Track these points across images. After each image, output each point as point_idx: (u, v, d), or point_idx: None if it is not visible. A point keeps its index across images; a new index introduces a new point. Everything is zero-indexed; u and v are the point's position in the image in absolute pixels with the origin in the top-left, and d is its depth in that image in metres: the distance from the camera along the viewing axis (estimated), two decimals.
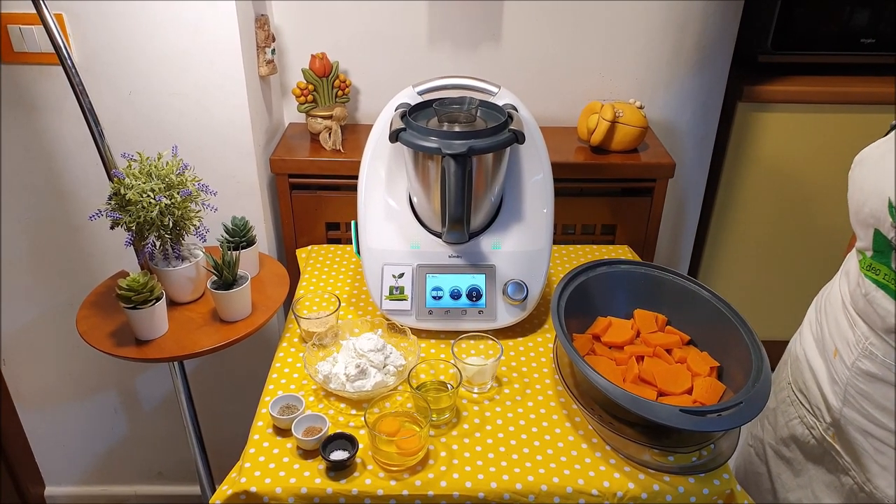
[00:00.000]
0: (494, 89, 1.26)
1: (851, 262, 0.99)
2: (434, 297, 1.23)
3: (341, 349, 1.16)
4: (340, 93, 1.57)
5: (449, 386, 1.11)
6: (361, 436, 1.02)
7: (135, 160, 1.20)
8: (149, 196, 1.16)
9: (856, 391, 0.96)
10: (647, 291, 1.19)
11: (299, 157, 1.53)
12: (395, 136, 1.16)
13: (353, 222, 1.32)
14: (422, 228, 1.27)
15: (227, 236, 1.33)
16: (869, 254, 0.91)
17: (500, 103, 1.25)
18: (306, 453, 1.01)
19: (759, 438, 1.20)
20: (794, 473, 1.12)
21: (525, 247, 1.25)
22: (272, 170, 1.53)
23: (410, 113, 1.20)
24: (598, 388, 0.95)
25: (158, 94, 1.40)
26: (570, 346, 1.01)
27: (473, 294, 1.23)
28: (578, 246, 1.57)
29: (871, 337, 0.92)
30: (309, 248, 1.55)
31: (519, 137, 1.15)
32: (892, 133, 0.92)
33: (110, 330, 1.23)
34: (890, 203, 0.84)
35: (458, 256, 1.25)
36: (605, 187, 1.60)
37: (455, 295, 1.23)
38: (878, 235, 0.87)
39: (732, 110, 1.70)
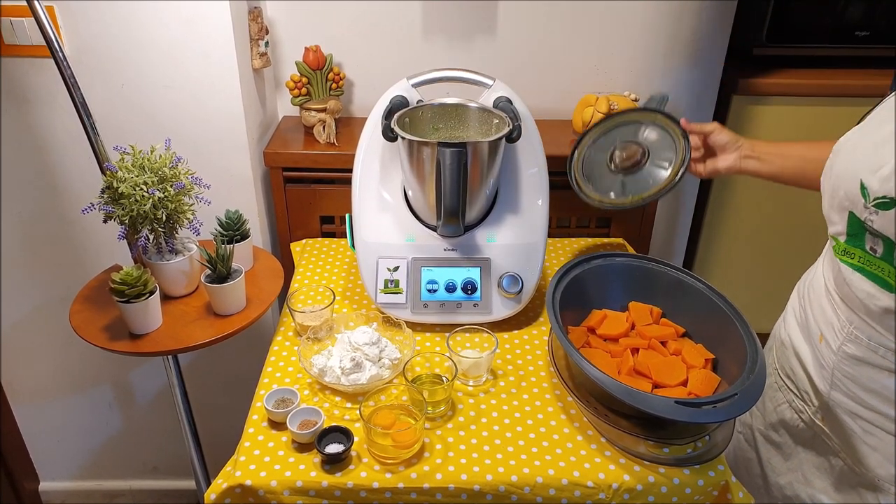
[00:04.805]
0: (489, 82, 1.26)
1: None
2: (429, 291, 1.23)
3: (336, 343, 1.16)
4: (334, 86, 1.56)
5: (444, 379, 1.11)
6: (356, 429, 1.02)
7: (128, 153, 1.20)
8: (142, 189, 1.16)
9: (843, 374, 0.97)
10: (642, 284, 1.19)
11: (293, 151, 1.52)
12: (389, 129, 1.15)
13: (347, 215, 1.32)
14: (417, 221, 1.26)
15: (220, 230, 1.33)
16: (842, 238, 0.93)
17: (495, 96, 1.25)
18: (301, 446, 1.01)
19: (748, 425, 1.22)
20: (783, 457, 1.13)
21: (520, 240, 1.25)
22: (266, 163, 1.53)
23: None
24: (594, 380, 0.95)
25: (151, 86, 1.39)
26: (566, 338, 1.01)
27: (468, 287, 1.23)
28: (573, 239, 1.57)
29: (856, 321, 0.94)
30: (303, 241, 1.54)
31: (515, 132, 1.15)
32: (864, 120, 0.95)
33: (104, 324, 1.22)
34: (862, 184, 0.86)
35: (453, 249, 1.25)
36: None
37: (450, 288, 1.23)
38: (852, 218, 0.89)
39: (727, 103, 1.70)
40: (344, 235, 1.59)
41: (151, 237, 1.23)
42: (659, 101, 1.23)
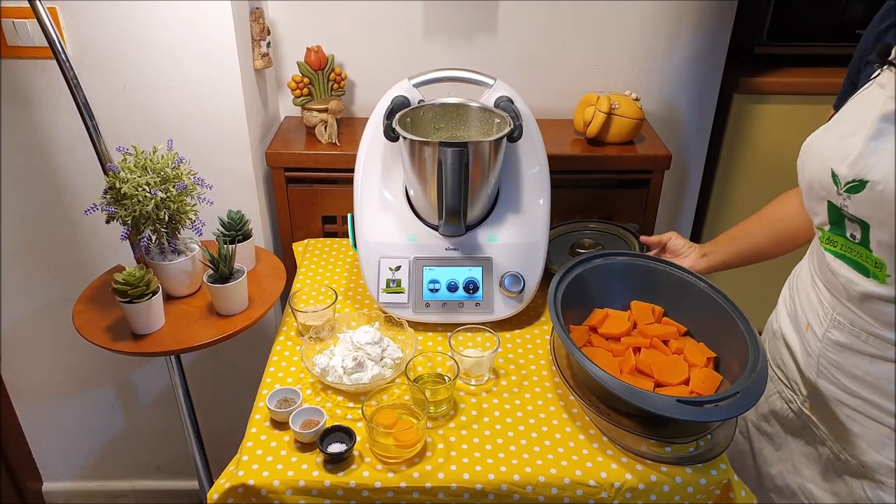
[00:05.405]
0: (490, 81, 1.26)
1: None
2: (431, 290, 1.23)
3: (338, 342, 1.16)
4: (336, 86, 1.56)
5: (446, 378, 1.11)
6: (359, 428, 1.02)
7: (130, 154, 1.20)
8: (144, 190, 1.16)
9: (828, 362, 0.99)
10: (644, 283, 1.19)
11: (295, 151, 1.53)
12: (391, 129, 1.15)
13: (349, 215, 1.32)
14: (418, 221, 1.26)
15: (223, 230, 1.33)
16: (826, 228, 0.96)
17: (496, 96, 1.25)
18: (304, 446, 1.01)
19: (743, 417, 1.23)
20: (774, 448, 1.15)
21: (522, 239, 1.25)
22: (268, 163, 1.53)
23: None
24: (596, 379, 0.95)
25: (153, 87, 1.39)
26: (567, 337, 1.01)
27: (470, 286, 1.23)
28: None
29: (838, 307, 0.96)
30: (305, 241, 1.54)
31: (516, 131, 1.15)
32: (830, 121, 0.98)
33: (107, 324, 1.23)
34: (832, 172, 0.89)
35: (454, 249, 1.25)
36: (602, 179, 1.60)
37: (452, 287, 1.23)
38: (831, 207, 0.92)
39: (729, 102, 1.70)
40: (346, 235, 1.59)
41: (154, 237, 1.24)
42: (632, 229, 1.44)
